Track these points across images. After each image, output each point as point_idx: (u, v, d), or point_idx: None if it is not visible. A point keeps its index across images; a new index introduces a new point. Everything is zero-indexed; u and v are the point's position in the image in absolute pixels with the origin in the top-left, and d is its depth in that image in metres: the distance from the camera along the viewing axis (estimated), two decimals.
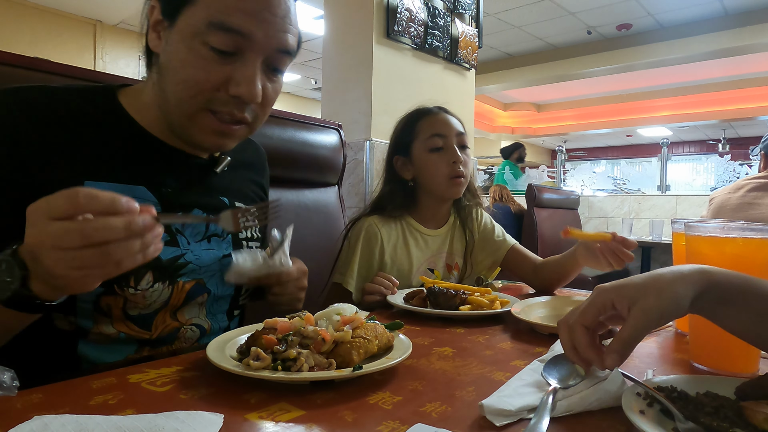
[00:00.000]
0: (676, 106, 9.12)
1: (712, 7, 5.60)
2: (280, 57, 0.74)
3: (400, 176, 1.31)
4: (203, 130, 0.73)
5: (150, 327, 0.76)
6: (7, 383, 0.46)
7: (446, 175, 1.25)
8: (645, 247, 4.35)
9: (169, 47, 0.71)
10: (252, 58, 0.71)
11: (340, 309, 0.70)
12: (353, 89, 2.48)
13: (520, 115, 10.63)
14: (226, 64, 0.70)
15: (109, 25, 6.10)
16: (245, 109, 0.74)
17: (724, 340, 0.68)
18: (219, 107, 0.72)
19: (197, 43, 0.68)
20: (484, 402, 0.50)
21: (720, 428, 0.46)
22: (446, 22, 2.72)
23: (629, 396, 0.51)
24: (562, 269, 1.26)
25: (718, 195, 1.91)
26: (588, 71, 6.93)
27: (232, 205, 0.87)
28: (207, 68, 0.69)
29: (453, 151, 1.25)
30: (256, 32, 0.69)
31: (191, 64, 0.69)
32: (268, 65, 0.74)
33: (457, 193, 1.29)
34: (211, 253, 0.81)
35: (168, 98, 0.73)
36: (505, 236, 1.40)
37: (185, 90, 0.70)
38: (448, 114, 1.32)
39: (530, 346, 0.77)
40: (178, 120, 0.74)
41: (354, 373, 0.57)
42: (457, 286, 1.03)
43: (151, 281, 0.73)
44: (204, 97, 0.71)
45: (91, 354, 0.71)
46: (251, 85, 0.70)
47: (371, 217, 1.27)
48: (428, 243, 1.32)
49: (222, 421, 0.47)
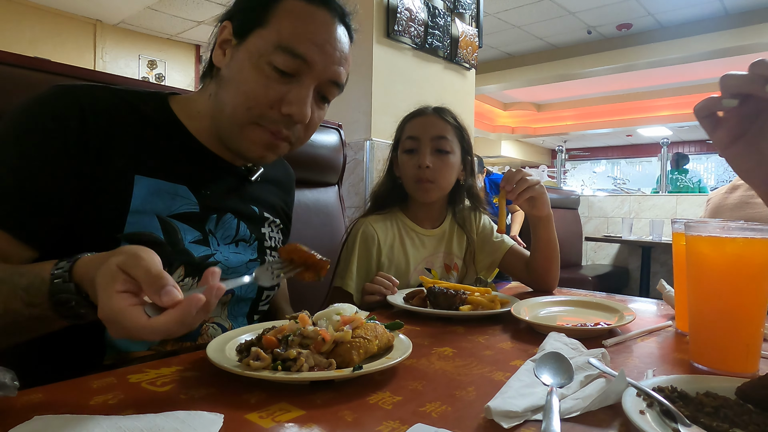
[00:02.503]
0: (676, 106, 9.11)
1: (712, 7, 5.59)
2: (330, 87, 0.82)
3: (393, 171, 1.36)
4: (253, 142, 0.80)
5: None
6: (7, 384, 0.46)
7: (412, 178, 1.27)
8: (645, 247, 4.35)
9: (234, 63, 0.78)
10: (307, 84, 0.78)
11: (340, 309, 0.70)
12: (353, 89, 2.48)
13: (520, 115, 10.63)
14: (283, 84, 0.77)
15: (109, 25, 6.09)
16: (292, 128, 0.80)
17: (724, 340, 0.68)
18: (268, 124, 0.78)
19: (262, 62, 0.76)
20: (491, 404, 0.50)
21: (720, 428, 0.46)
22: (446, 22, 2.72)
23: (629, 396, 0.51)
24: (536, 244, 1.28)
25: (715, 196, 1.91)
26: (588, 71, 6.92)
27: (261, 214, 0.93)
28: (267, 85, 0.76)
29: (421, 155, 1.25)
30: (317, 61, 0.77)
31: (253, 79, 0.76)
32: (319, 93, 0.82)
33: (424, 197, 1.29)
34: (238, 257, 0.86)
35: (223, 108, 0.79)
36: (503, 237, 1.40)
37: (244, 102, 0.77)
38: (436, 116, 1.30)
39: (530, 346, 0.77)
40: (229, 129, 0.80)
41: (354, 373, 0.57)
42: (457, 286, 1.03)
43: (182, 275, 0.77)
44: (258, 111, 0.77)
45: (118, 342, 0.74)
46: (302, 107, 0.77)
47: (367, 218, 1.29)
48: (424, 243, 1.33)
49: (222, 421, 0.47)
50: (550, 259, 1.28)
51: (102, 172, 0.73)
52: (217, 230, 0.84)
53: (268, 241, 0.94)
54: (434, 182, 1.26)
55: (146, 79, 6.26)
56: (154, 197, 0.76)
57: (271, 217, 0.96)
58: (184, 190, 0.80)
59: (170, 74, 6.58)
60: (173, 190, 0.78)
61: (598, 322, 0.86)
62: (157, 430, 0.43)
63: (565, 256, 4.38)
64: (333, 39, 0.79)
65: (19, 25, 5.37)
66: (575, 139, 11.90)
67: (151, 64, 6.45)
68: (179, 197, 0.79)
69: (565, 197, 4.65)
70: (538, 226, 1.26)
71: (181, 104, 0.85)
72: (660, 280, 1.08)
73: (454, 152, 1.28)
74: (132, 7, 5.57)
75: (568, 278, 3.91)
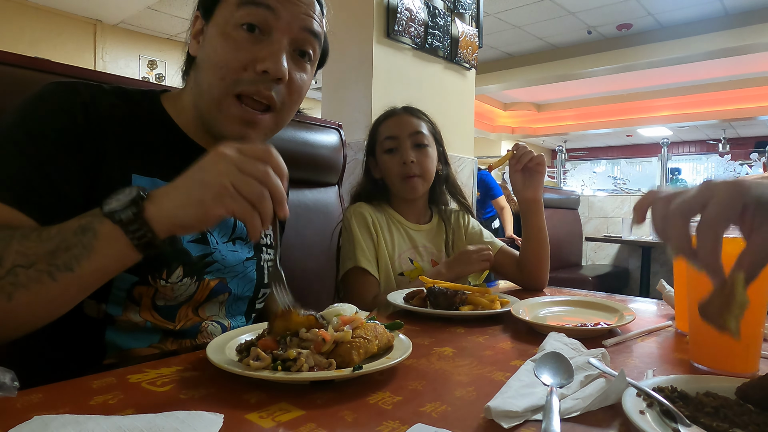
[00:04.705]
0: (677, 106, 9.12)
1: (712, 7, 5.59)
2: (305, 37, 0.79)
3: (372, 174, 1.39)
4: (229, 119, 0.77)
5: (174, 318, 0.80)
6: (7, 384, 0.46)
7: (399, 176, 1.31)
8: (645, 247, 4.35)
9: (206, 43, 0.78)
10: (278, 38, 0.76)
11: (340, 309, 0.71)
12: (353, 89, 2.48)
13: (521, 115, 10.63)
14: (254, 43, 0.75)
15: (109, 25, 6.09)
16: (272, 87, 0.76)
17: (724, 340, 0.68)
18: (246, 87, 0.75)
19: (229, 28, 0.74)
20: (491, 404, 0.50)
21: (720, 428, 0.46)
22: (446, 22, 2.72)
23: (629, 396, 0.51)
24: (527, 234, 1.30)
25: None
26: (588, 71, 6.92)
27: None
28: (236, 48, 0.74)
29: (404, 152, 1.30)
30: (282, 9, 0.75)
31: (222, 47, 0.75)
32: (295, 48, 0.79)
33: (412, 193, 1.33)
34: (235, 255, 0.86)
35: (201, 90, 0.78)
36: (493, 239, 1.42)
37: (215, 73, 0.75)
38: (410, 114, 1.35)
39: (530, 346, 0.77)
40: (207, 110, 0.78)
41: (354, 373, 0.57)
42: (457, 286, 1.03)
43: (181, 275, 0.77)
44: (232, 78, 0.75)
45: (118, 340, 0.75)
46: (277, 60, 0.75)
47: (355, 204, 1.34)
48: (410, 234, 1.36)
49: (222, 421, 0.47)
50: (541, 250, 1.29)
51: (102, 170, 0.73)
52: (215, 227, 0.84)
53: (264, 238, 0.94)
54: (420, 176, 1.32)
55: (146, 79, 6.26)
56: None
57: None
58: None
59: (170, 74, 6.58)
60: None
61: (598, 322, 0.86)
62: (157, 430, 0.43)
63: (565, 256, 4.39)
64: None
65: (19, 25, 5.37)
66: (575, 139, 11.91)
67: (151, 64, 6.45)
68: None
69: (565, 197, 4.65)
70: (530, 212, 1.29)
71: (172, 101, 0.85)
72: (660, 280, 1.08)
73: (431, 145, 1.35)
74: (132, 7, 5.57)
75: (568, 278, 3.91)
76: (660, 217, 0.50)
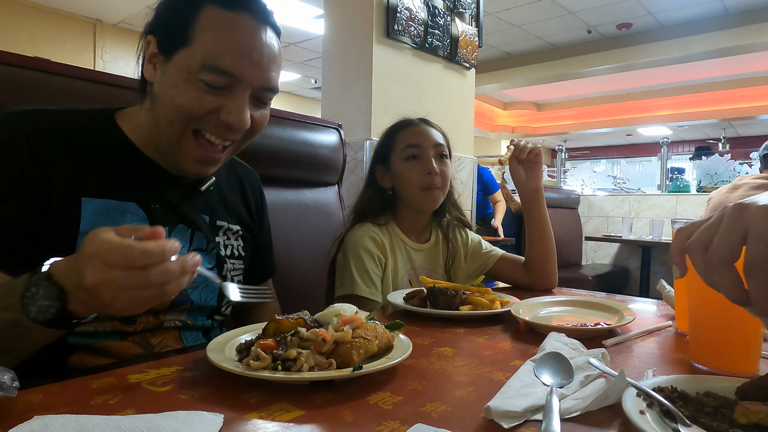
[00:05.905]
0: (676, 106, 9.12)
1: (712, 6, 5.59)
2: (265, 92, 0.82)
3: (379, 184, 1.33)
4: (188, 156, 0.80)
5: (135, 322, 0.81)
6: (7, 384, 0.46)
7: (419, 185, 1.26)
8: (645, 247, 4.35)
9: (165, 78, 0.77)
10: (241, 93, 0.78)
11: (340, 309, 0.71)
12: (353, 89, 2.48)
13: (520, 115, 10.63)
14: (217, 96, 0.77)
15: (109, 25, 6.09)
16: (234, 133, 0.81)
17: (724, 340, 0.68)
18: (209, 128, 0.79)
19: (192, 78, 0.75)
20: (491, 404, 0.50)
21: (720, 428, 0.46)
22: (446, 22, 2.72)
23: (629, 396, 0.51)
24: (530, 227, 1.31)
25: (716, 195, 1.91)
26: (588, 70, 6.92)
27: (213, 223, 0.93)
28: (200, 98, 0.76)
29: (428, 162, 1.26)
30: (246, 74, 0.77)
31: (185, 93, 0.76)
32: (255, 99, 0.82)
33: (431, 204, 1.30)
34: None
35: (159, 122, 0.79)
36: (492, 248, 1.40)
37: (177, 114, 0.77)
38: (429, 125, 1.33)
39: (530, 346, 0.77)
40: (167, 143, 0.80)
41: (354, 373, 0.57)
42: (457, 286, 1.03)
43: None
44: (194, 120, 0.77)
45: (81, 340, 0.77)
46: (240, 115, 0.78)
47: (364, 225, 1.27)
48: (410, 255, 1.32)
49: (222, 421, 0.47)
50: (547, 245, 1.29)
51: (49, 198, 0.73)
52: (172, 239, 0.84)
53: (224, 249, 0.93)
54: (441, 188, 1.28)
55: None
56: (103, 217, 0.76)
57: (226, 225, 0.95)
58: (133, 206, 0.80)
59: None
60: (122, 208, 0.79)
61: (598, 322, 0.86)
62: (157, 430, 0.43)
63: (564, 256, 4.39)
64: (259, 45, 0.78)
65: (18, 25, 5.37)
66: (575, 138, 11.90)
67: None
68: (129, 214, 0.79)
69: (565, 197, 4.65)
70: (532, 202, 1.28)
71: (128, 118, 0.85)
72: (660, 280, 1.08)
73: (449, 157, 1.33)
74: (132, 6, 5.57)
75: (568, 278, 3.91)
76: (704, 270, 0.45)
